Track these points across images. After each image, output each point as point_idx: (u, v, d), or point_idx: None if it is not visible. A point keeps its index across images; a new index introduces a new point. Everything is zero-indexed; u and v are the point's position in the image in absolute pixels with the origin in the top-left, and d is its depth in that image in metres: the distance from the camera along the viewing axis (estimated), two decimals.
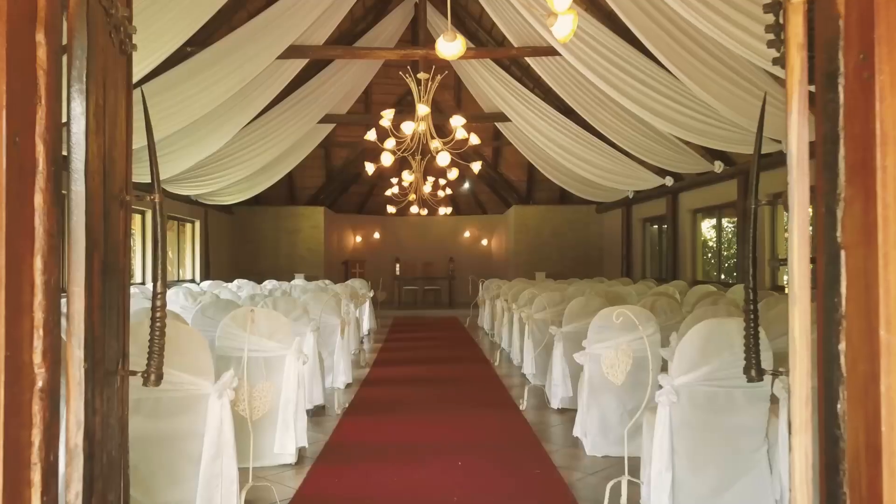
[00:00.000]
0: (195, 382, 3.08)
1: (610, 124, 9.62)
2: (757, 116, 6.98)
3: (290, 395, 4.25)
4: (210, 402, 3.08)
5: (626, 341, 4.20)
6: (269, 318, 4.31)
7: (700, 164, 9.58)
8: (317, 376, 5.69)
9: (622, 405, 4.51)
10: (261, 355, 4.28)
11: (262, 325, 4.26)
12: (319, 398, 5.64)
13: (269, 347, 4.28)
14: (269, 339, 4.29)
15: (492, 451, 4.60)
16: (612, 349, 4.00)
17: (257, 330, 4.19)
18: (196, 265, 13.50)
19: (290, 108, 11.40)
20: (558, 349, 5.74)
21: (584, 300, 5.88)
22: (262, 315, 4.27)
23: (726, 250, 12.12)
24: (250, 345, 4.23)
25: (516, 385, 7.05)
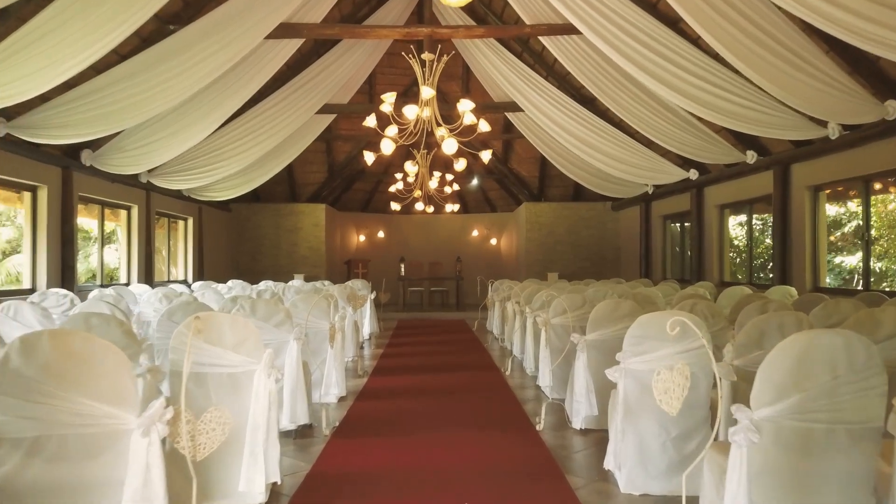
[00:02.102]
0: (114, 415, 2.32)
1: (632, 110, 8.81)
2: (805, 94, 5.99)
3: (258, 420, 3.46)
4: (133, 440, 2.32)
5: (678, 355, 3.39)
6: (234, 327, 3.52)
7: (730, 154, 8.75)
8: (301, 391, 4.92)
9: (665, 431, 3.67)
10: (224, 370, 3.51)
11: (227, 334, 3.48)
12: (304, 416, 4.87)
13: (234, 362, 3.49)
14: (233, 351, 3.51)
15: (505, 485, 3.81)
16: (666, 368, 3.16)
17: (219, 340, 3.42)
18: (189, 265, 12.78)
19: (288, 97, 10.69)
20: (581, 360, 4.92)
21: (612, 304, 5.06)
22: (225, 323, 3.49)
23: (749, 248, 11.28)
24: (210, 358, 3.48)
25: (531, 399, 6.26)
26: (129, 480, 2.28)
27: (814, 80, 5.98)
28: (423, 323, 13.68)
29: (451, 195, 14.19)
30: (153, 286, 10.04)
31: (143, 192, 10.57)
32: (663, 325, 3.31)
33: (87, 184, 8.86)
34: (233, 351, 3.46)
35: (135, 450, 2.29)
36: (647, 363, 3.62)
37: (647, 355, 3.64)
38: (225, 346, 3.44)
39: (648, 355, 3.63)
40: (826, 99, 6.15)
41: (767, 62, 6.03)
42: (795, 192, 8.34)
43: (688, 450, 3.63)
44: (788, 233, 8.39)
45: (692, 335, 3.41)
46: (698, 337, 3.22)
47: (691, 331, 3.21)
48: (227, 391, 3.50)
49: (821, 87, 6.04)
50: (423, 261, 17.58)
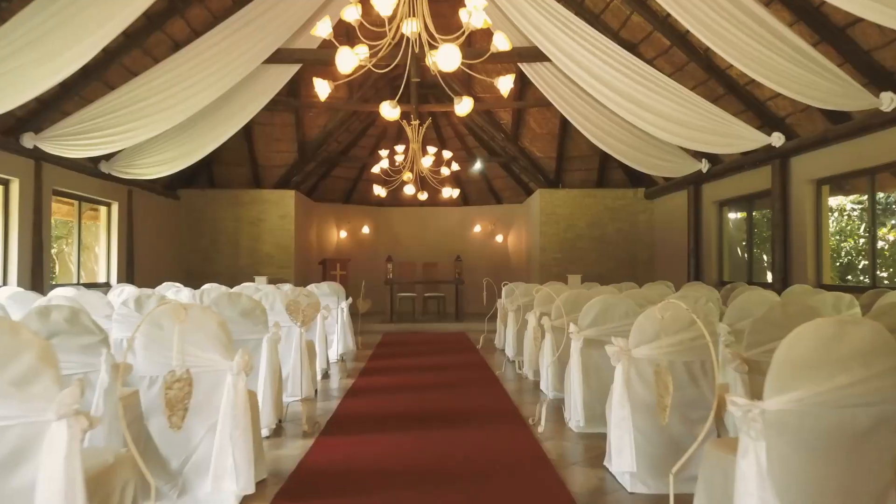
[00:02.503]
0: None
1: (721, 32, 6.02)
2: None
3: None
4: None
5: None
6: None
7: (859, 98, 5.96)
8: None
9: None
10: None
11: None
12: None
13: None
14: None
15: None
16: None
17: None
18: (111, 264, 9.94)
19: (229, 37, 7.89)
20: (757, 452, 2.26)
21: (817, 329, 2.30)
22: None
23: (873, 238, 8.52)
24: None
25: (607, 491, 3.48)
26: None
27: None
28: (414, 338, 10.86)
29: (450, 177, 11.39)
30: (45, 291, 7.27)
31: (31, 161, 7.75)
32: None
33: None
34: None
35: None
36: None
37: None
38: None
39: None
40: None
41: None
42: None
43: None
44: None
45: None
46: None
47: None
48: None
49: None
50: (416, 261, 14.77)
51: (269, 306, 5.84)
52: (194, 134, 9.04)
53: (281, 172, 12.64)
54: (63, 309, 3.34)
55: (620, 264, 12.50)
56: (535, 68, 9.14)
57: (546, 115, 11.93)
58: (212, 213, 12.41)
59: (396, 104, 5.48)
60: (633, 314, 4.71)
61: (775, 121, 7.78)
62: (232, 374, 3.22)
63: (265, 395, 4.51)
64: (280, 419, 5.01)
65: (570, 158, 12.69)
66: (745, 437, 2.18)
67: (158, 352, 3.23)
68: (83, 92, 7.71)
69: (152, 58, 8.02)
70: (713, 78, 7.95)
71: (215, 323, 3.24)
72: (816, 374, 2.11)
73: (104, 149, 7.82)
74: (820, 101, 6.13)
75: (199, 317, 3.23)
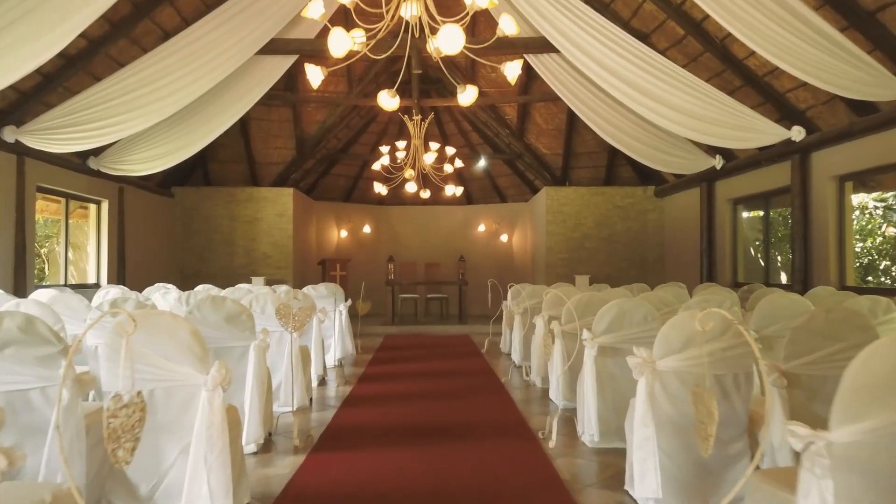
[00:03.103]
0: None
1: (743, 15, 5.62)
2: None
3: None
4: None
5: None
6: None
7: (890, 87, 5.56)
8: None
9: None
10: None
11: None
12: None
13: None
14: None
15: None
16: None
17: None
18: (102, 264, 9.57)
19: (221, 26, 7.53)
20: (823, 492, 1.88)
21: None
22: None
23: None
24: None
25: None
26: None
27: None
28: (416, 341, 10.48)
29: (453, 175, 11.01)
30: (27, 292, 6.94)
31: (12, 156, 7.39)
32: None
33: None
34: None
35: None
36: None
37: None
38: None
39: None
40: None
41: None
42: None
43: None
44: None
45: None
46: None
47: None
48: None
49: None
50: (418, 261, 14.41)
51: (259, 310, 5.49)
52: (186, 129, 8.68)
53: (279, 170, 12.27)
54: (16, 316, 2.97)
55: (630, 265, 12.10)
56: (542, 60, 8.75)
57: (552, 110, 11.54)
58: (207, 212, 12.04)
59: (395, 93, 5.09)
60: (652, 319, 4.34)
61: (795, 114, 7.39)
62: (206, 390, 2.84)
63: (252, 407, 4.14)
64: (269, 432, 4.64)
65: (577, 155, 12.29)
66: (808, 475, 1.84)
67: (126, 364, 2.86)
68: (67, 83, 7.35)
69: (140, 47, 7.66)
70: (730, 69, 7.55)
71: (187, 332, 2.87)
72: (894, 400, 1.73)
73: (90, 143, 7.45)
74: (848, 91, 5.74)
75: (169, 325, 2.86)
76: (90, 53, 7.27)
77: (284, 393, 5.18)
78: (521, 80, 11.01)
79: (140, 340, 2.85)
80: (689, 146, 9.10)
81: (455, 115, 13.90)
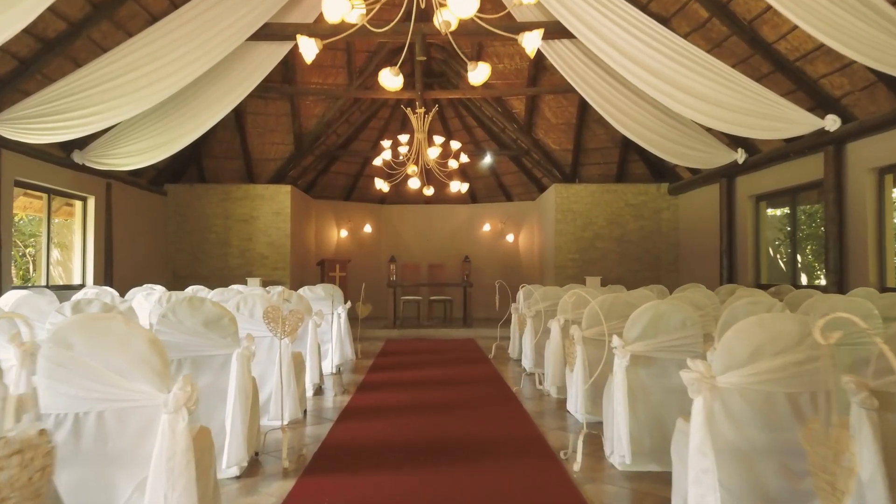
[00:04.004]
0: None
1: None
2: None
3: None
4: None
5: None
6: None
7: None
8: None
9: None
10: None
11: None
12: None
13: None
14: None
15: None
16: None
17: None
18: (88, 264, 9.05)
19: (211, 9, 7.02)
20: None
21: None
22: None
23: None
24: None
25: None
26: None
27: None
28: (419, 345, 9.95)
29: (457, 171, 10.49)
30: (0, 293, 6.43)
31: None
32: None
33: None
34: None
35: None
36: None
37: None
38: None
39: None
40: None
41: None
42: None
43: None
44: None
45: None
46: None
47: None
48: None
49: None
50: (421, 262, 13.88)
51: (247, 313, 4.98)
52: (176, 121, 8.17)
53: (276, 166, 11.75)
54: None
55: (642, 266, 11.55)
56: (554, 47, 8.22)
57: (562, 104, 11.01)
58: (201, 210, 11.52)
59: (398, 71, 4.56)
60: (692, 325, 3.81)
61: (829, 101, 6.85)
62: (167, 412, 2.31)
63: (234, 426, 3.61)
64: (256, 452, 4.11)
65: (587, 151, 11.75)
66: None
67: (68, 380, 2.33)
68: (45, 69, 6.84)
69: (125, 32, 7.14)
70: (758, 53, 7.02)
71: (144, 341, 2.33)
72: None
73: (71, 133, 6.93)
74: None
75: (121, 333, 2.32)
76: (70, 37, 6.76)
77: (275, 405, 4.66)
78: (529, 72, 10.49)
79: (86, 351, 2.32)
80: (711, 139, 8.57)
81: (459, 110, 13.38)
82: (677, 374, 3.89)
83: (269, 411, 4.84)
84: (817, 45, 6.39)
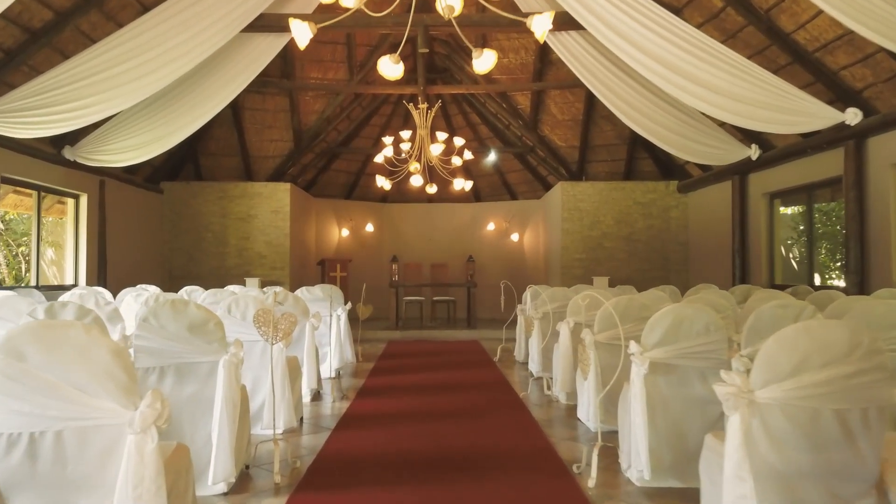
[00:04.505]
0: None
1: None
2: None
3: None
4: None
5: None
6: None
7: None
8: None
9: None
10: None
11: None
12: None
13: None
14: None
15: None
16: None
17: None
18: (80, 264, 8.79)
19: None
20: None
21: None
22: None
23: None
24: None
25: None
26: None
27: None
28: (421, 347, 9.67)
29: (461, 168, 10.20)
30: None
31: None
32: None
33: None
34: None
35: None
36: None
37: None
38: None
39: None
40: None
41: None
42: None
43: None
44: None
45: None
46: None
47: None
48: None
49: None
50: (424, 262, 13.60)
51: (239, 315, 4.70)
52: (169, 116, 7.90)
53: (275, 164, 11.48)
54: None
55: (651, 266, 11.25)
56: (561, 39, 7.93)
57: (569, 99, 10.72)
58: (197, 208, 11.26)
59: (398, 59, 4.28)
60: (716, 329, 3.52)
61: (850, 94, 6.55)
62: (133, 433, 2.03)
63: (221, 438, 3.33)
64: (247, 465, 3.84)
65: (594, 148, 11.46)
66: None
67: (21, 396, 2.05)
68: (32, 61, 6.58)
69: (115, 22, 6.88)
70: (775, 44, 6.72)
71: (107, 351, 2.05)
72: None
73: (59, 128, 6.66)
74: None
75: (80, 342, 2.04)
76: (58, 27, 6.50)
77: (269, 414, 4.38)
78: (534, 66, 10.21)
79: (41, 363, 2.04)
80: (724, 135, 8.27)
81: (463, 106, 13.09)
82: (700, 383, 3.63)
83: (262, 419, 4.57)
84: (838, 35, 6.10)
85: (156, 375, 3.38)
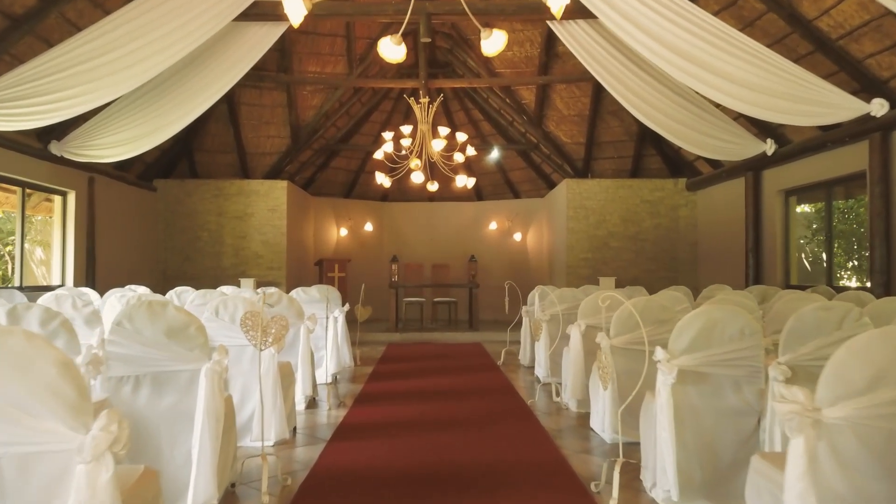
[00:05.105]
0: None
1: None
2: None
3: None
4: None
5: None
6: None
7: None
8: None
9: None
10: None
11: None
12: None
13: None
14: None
15: None
16: None
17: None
18: (67, 263, 8.45)
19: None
20: None
21: None
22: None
23: None
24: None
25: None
26: None
27: None
28: (422, 350, 9.33)
29: (463, 164, 9.87)
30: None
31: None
32: None
33: None
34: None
35: None
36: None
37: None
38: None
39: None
40: None
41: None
42: None
43: None
44: None
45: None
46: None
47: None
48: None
49: None
50: (424, 262, 13.26)
51: (228, 318, 4.36)
52: (160, 109, 7.57)
53: (271, 161, 11.14)
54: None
55: (658, 266, 10.91)
56: (569, 28, 7.60)
57: (575, 94, 10.39)
58: (192, 207, 10.92)
59: (400, 40, 3.95)
60: (751, 334, 3.19)
61: (876, 84, 6.22)
62: (83, 462, 1.69)
63: (202, 455, 2.99)
64: (233, 483, 3.50)
65: (600, 144, 11.12)
66: None
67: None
68: (13, 49, 6.25)
69: (102, 9, 6.55)
70: (797, 32, 6.39)
71: (52, 364, 1.71)
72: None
73: (42, 120, 6.32)
74: None
75: (21, 353, 1.70)
76: (41, 13, 6.17)
77: (258, 425, 4.05)
78: (540, 60, 9.87)
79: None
80: (738, 129, 7.93)
81: (465, 102, 12.75)
82: (733, 393, 3.29)
83: (251, 431, 4.23)
84: (865, 21, 5.77)
85: (130, 386, 3.05)
